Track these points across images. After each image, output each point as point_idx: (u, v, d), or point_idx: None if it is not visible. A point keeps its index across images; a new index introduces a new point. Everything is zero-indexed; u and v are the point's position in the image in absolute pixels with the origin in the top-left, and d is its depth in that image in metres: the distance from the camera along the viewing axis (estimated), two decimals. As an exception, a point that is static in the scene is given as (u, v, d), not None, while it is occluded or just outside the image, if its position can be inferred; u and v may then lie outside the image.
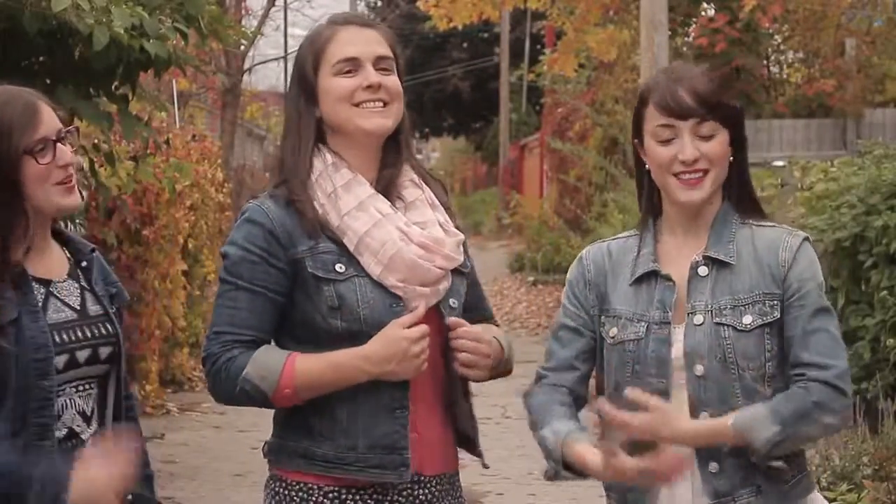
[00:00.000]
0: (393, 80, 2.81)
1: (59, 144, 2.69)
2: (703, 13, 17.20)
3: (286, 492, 2.75)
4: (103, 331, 2.77)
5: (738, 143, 2.71)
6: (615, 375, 2.70)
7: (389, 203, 2.79)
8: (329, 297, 2.70)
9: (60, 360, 2.67)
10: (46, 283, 2.72)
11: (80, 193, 2.79)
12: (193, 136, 12.62)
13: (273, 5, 20.80)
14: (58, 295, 2.73)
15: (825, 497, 2.86)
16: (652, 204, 2.76)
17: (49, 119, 2.70)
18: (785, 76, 18.24)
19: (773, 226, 2.74)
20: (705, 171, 2.65)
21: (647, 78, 11.57)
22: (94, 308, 2.78)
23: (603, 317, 2.74)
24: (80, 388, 2.73)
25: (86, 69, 5.36)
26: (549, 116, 23.12)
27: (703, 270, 2.67)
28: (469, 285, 2.89)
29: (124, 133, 5.73)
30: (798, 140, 15.87)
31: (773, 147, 15.56)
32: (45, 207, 2.69)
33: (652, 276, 2.70)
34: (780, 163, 13.45)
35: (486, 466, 2.95)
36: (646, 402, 2.57)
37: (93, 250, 2.86)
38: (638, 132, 2.73)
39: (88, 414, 2.74)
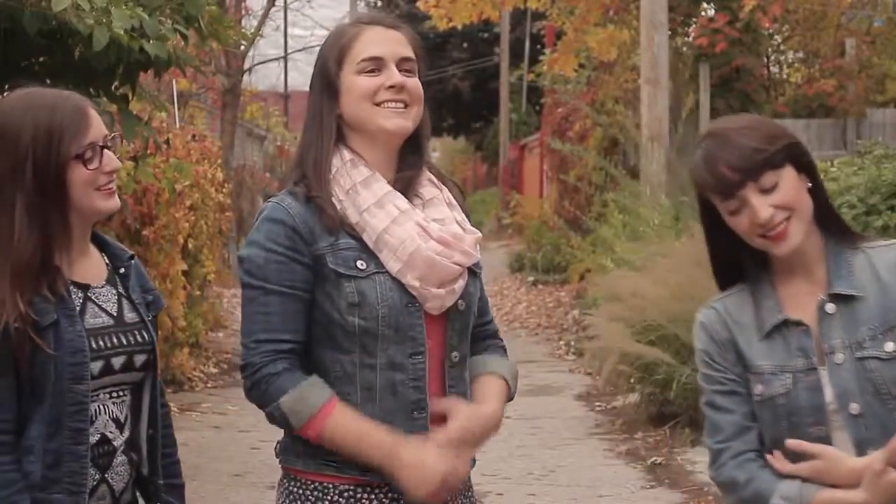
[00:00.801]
0: (415, 83, 2.81)
1: (105, 150, 2.69)
2: (703, 13, 17.18)
3: (300, 490, 2.73)
4: (139, 338, 2.78)
5: (807, 169, 2.64)
6: (771, 431, 2.63)
7: (407, 200, 2.78)
8: (350, 293, 2.68)
9: (96, 367, 2.67)
10: (84, 287, 2.72)
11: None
12: (193, 136, 12.65)
13: (273, 5, 20.79)
14: (95, 300, 2.73)
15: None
16: (754, 255, 2.68)
17: (97, 124, 2.70)
18: (785, 76, 18.23)
19: (887, 245, 2.69)
20: (787, 218, 2.58)
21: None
22: (130, 315, 2.79)
23: (747, 373, 2.67)
24: (114, 394, 2.74)
25: (86, 69, 5.35)
26: (549, 116, 23.10)
27: (830, 308, 2.62)
28: (479, 289, 2.89)
29: (124, 133, 5.71)
30: (798, 140, 15.83)
31: (773, 147, 15.52)
32: (87, 211, 2.70)
33: (783, 325, 2.64)
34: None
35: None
36: (809, 450, 2.56)
37: (131, 257, 2.86)
38: (704, 203, 2.66)
39: (122, 421, 2.75)
